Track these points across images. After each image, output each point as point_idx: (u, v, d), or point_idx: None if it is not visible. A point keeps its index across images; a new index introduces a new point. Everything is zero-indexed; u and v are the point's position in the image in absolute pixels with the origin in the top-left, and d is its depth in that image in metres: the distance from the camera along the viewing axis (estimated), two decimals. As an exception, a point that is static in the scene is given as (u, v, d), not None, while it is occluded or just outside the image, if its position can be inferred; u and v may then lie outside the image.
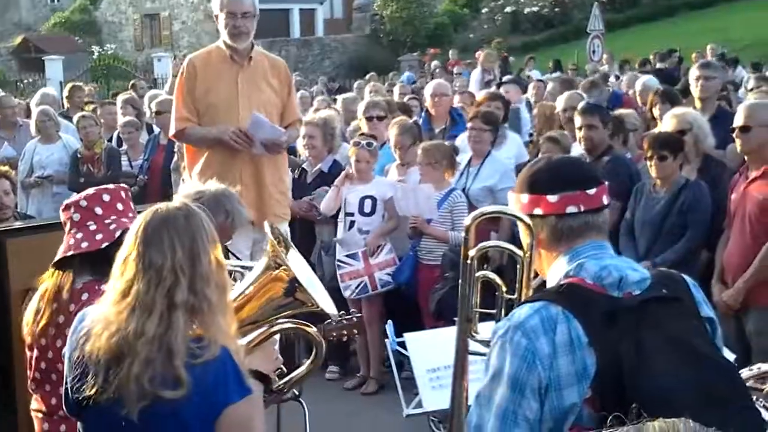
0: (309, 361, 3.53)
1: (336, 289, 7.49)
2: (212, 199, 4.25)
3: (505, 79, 15.16)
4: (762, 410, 3.02)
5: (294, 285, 3.21)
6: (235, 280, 3.54)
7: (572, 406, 2.49)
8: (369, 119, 8.88)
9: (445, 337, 3.92)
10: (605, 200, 2.75)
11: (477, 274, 2.90)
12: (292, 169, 8.14)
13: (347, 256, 7.60)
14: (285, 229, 6.58)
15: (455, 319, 3.09)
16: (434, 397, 4.14)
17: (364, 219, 7.67)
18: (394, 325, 4.79)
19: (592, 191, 2.71)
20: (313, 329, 3.42)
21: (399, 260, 7.64)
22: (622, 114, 8.18)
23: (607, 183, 2.80)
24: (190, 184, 5.33)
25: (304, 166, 8.39)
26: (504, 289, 2.91)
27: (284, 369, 3.47)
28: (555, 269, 2.72)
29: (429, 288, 7.36)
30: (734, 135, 5.98)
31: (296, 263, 3.31)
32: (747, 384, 3.07)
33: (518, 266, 2.84)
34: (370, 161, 7.73)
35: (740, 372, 3.04)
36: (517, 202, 2.78)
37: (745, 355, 5.42)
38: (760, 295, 5.78)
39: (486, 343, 2.72)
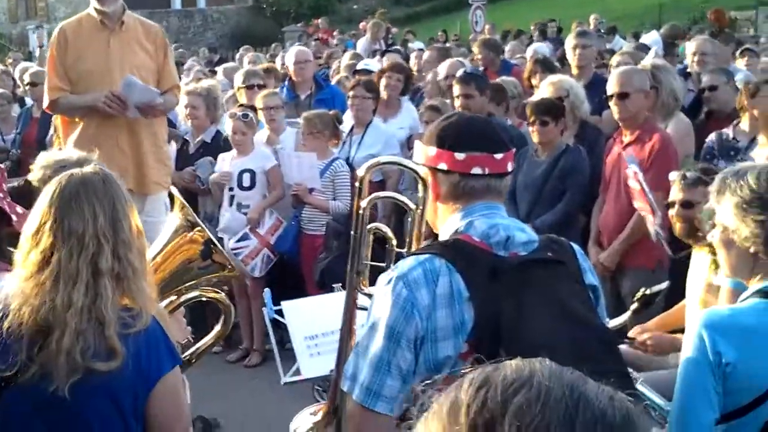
0: (217, 329, 3.45)
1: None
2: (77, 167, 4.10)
3: (390, 49, 15.20)
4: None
5: (210, 246, 3.13)
6: None
7: (446, 358, 2.51)
8: (249, 87, 8.77)
9: (323, 304, 3.92)
10: (510, 167, 2.75)
11: (368, 226, 2.88)
12: (174, 140, 8.02)
13: (237, 241, 7.48)
14: (165, 198, 6.46)
15: (334, 285, 3.08)
16: (312, 364, 4.12)
17: (243, 193, 7.59)
18: (278, 294, 4.74)
19: (499, 156, 2.71)
20: (221, 295, 3.35)
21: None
22: (504, 81, 8.27)
23: (514, 150, 2.80)
24: (48, 153, 5.16)
25: (186, 136, 8.25)
26: (394, 242, 2.91)
27: (191, 339, 3.39)
28: (447, 225, 2.73)
29: (312, 257, 7.35)
30: (611, 102, 6.09)
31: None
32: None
33: (410, 219, 2.83)
34: (247, 133, 7.61)
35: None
36: (423, 154, 2.76)
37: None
38: (634, 257, 5.94)
39: None
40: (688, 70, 8.60)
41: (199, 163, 7.91)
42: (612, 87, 6.09)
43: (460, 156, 2.68)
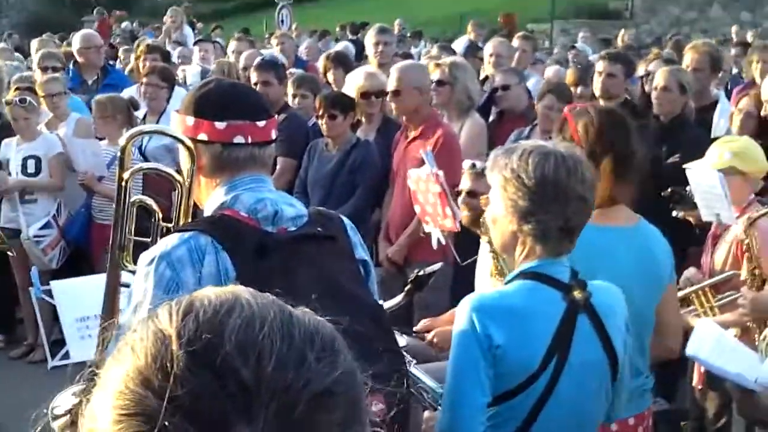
0: None
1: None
2: None
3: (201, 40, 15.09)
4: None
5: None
6: None
7: None
8: (44, 69, 8.56)
9: (96, 284, 3.77)
10: (273, 135, 2.67)
11: (132, 199, 2.78)
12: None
13: (41, 228, 7.23)
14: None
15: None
16: (82, 346, 3.99)
17: (28, 179, 7.39)
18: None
19: (262, 123, 2.61)
20: None
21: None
22: (306, 75, 8.31)
23: (276, 117, 2.73)
24: None
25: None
26: (160, 215, 2.81)
27: None
28: (212, 199, 2.63)
29: (102, 246, 7.14)
30: (389, 99, 6.21)
31: None
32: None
33: (176, 192, 2.74)
34: (29, 117, 7.39)
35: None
36: (181, 124, 2.63)
37: (408, 307, 5.60)
38: (420, 251, 5.95)
39: None
40: (484, 71, 8.82)
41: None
42: (389, 84, 6.21)
43: (220, 125, 2.57)
